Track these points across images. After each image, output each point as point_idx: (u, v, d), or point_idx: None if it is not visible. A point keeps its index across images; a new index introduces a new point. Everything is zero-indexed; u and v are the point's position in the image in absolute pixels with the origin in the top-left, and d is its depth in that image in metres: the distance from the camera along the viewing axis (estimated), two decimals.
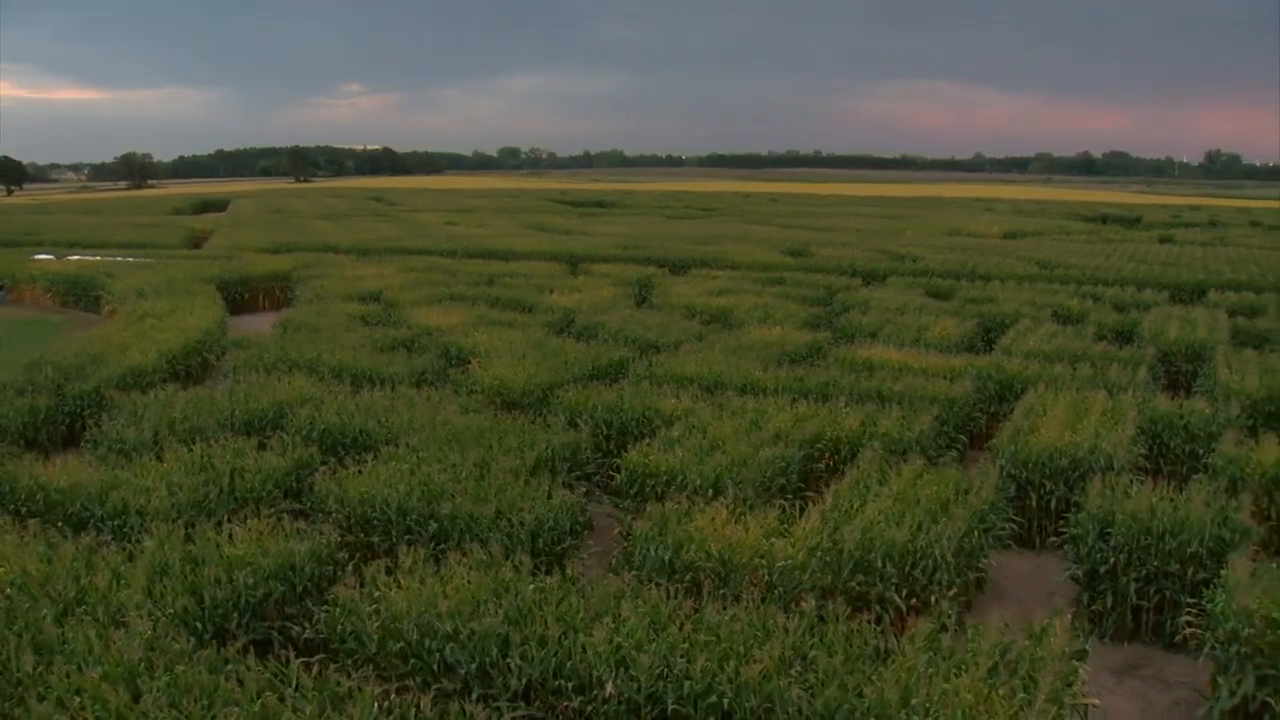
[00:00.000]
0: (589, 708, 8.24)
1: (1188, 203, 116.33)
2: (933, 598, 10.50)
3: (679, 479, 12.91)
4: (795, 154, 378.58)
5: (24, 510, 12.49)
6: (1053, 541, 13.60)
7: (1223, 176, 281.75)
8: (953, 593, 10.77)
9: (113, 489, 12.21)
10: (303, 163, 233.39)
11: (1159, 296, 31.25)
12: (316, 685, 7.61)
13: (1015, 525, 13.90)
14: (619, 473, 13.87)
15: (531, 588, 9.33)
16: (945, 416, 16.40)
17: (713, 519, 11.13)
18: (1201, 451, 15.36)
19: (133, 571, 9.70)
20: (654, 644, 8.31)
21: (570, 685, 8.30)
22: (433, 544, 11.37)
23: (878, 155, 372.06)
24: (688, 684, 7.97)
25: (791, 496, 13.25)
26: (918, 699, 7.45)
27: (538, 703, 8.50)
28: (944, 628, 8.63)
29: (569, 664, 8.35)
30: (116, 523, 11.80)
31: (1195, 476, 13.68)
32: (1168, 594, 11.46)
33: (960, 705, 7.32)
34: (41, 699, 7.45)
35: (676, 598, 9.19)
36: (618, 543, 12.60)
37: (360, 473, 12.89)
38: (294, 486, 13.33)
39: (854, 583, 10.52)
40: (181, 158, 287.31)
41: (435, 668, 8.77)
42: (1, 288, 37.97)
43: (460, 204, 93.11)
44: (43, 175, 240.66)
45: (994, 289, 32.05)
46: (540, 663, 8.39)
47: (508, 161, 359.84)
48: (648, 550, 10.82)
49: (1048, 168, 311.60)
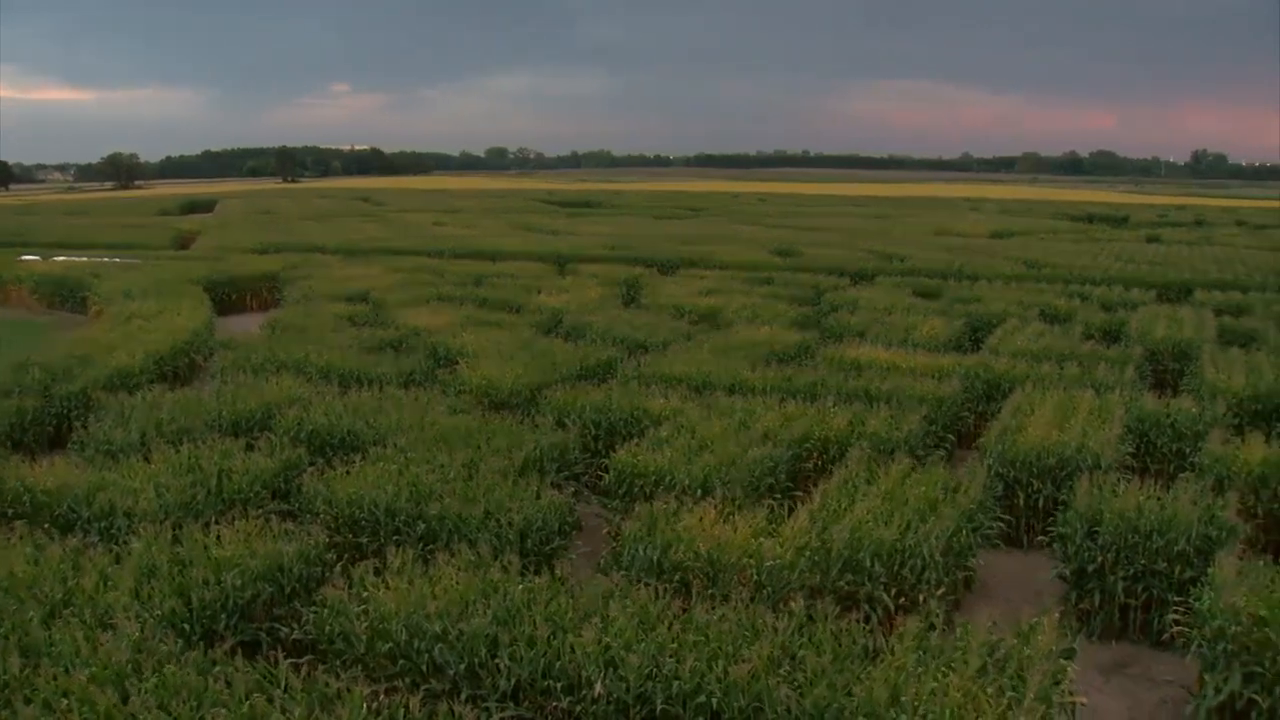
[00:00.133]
0: (578, 708, 8.23)
1: (1174, 202, 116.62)
2: (921, 597, 10.51)
3: (667, 479, 12.91)
4: (783, 154, 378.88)
5: (10, 512, 12.43)
6: (1040, 540, 13.63)
7: (1209, 176, 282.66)
8: (941, 592, 10.78)
9: (100, 490, 12.16)
10: (290, 163, 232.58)
11: (1146, 296, 31.35)
12: (305, 686, 7.60)
13: (1003, 524, 13.93)
14: (607, 473, 13.86)
15: (520, 588, 9.32)
16: (933, 416, 16.42)
17: (701, 519, 11.14)
18: (1188, 450, 15.40)
19: (120, 573, 9.67)
20: (643, 644, 8.31)
21: (559, 685, 8.30)
22: (421, 544, 11.35)
23: (865, 155, 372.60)
24: (676, 684, 7.97)
25: (780, 496, 13.26)
26: (907, 697, 7.46)
27: (526, 703, 8.50)
28: (932, 627, 8.64)
29: (558, 664, 8.35)
30: (104, 524, 11.75)
31: (1182, 475, 13.70)
32: (1155, 592, 11.49)
33: (949, 704, 7.33)
34: (29, 701, 7.42)
35: (665, 598, 9.19)
36: (606, 543, 12.61)
37: (348, 473, 12.87)
38: (282, 487, 13.29)
39: (842, 582, 10.53)
40: (168, 158, 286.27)
41: (424, 668, 8.76)
42: None
43: (448, 204, 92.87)
44: (29, 176, 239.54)
45: (981, 288, 32.11)
46: (529, 663, 8.39)
47: (495, 162, 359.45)
48: (636, 550, 10.82)
49: (1035, 167, 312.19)
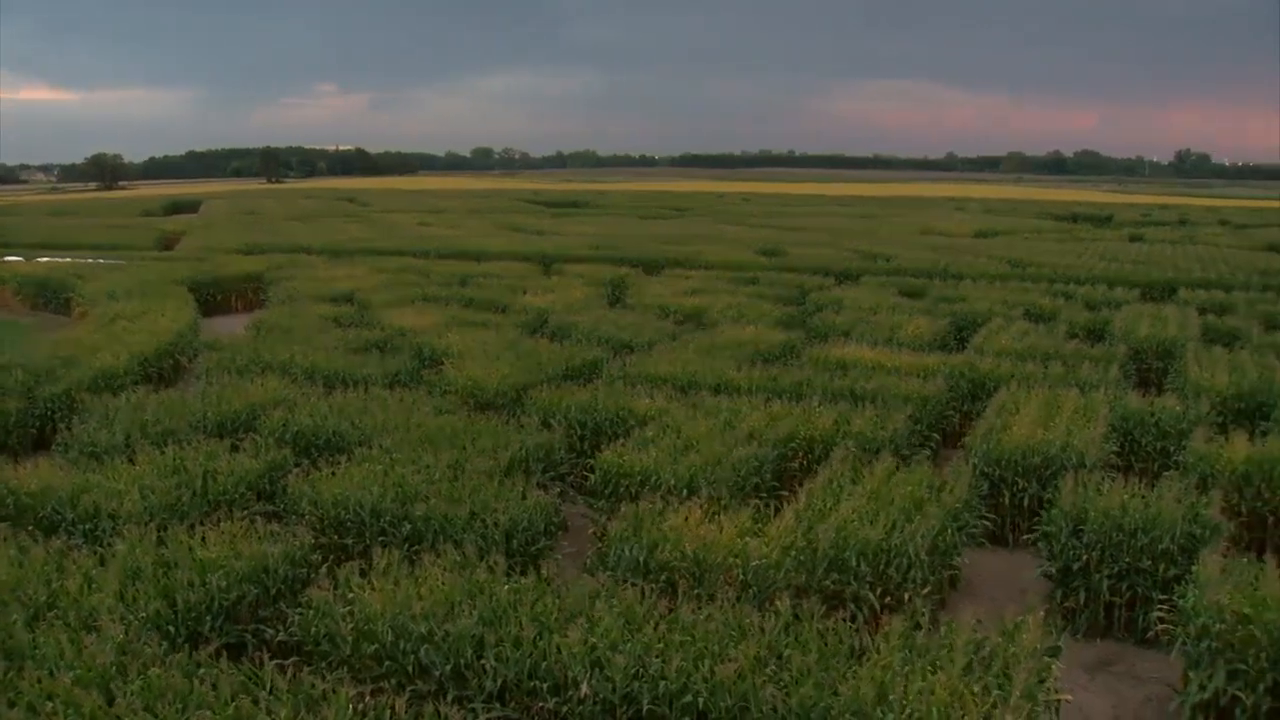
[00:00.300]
0: (564, 708, 8.23)
1: (1158, 202, 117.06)
2: (907, 596, 10.54)
3: (653, 479, 12.90)
4: (768, 154, 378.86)
5: None
6: (1026, 539, 13.66)
7: (1193, 176, 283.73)
8: (927, 590, 10.81)
9: (84, 492, 12.10)
10: (275, 163, 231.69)
11: (1130, 295, 31.43)
12: (291, 688, 7.57)
13: (988, 523, 13.97)
14: (593, 473, 13.85)
15: (506, 588, 9.30)
16: (918, 415, 16.46)
17: (687, 519, 11.13)
18: (1172, 448, 15.46)
19: (104, 575, 9.63)
20: (629, 644, 8.30)
21: (545, 686, 8.29)
22: (407, 545, 11.32)
23: (850, 155, 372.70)
24: (663, 684, 7.96)
25: (765, 496, 13.28)
26: (893, 696, 7.47)
27: (513, 704, 8.49)
28: (918, 625, 8.64)
29: (544, 665, 8.33)
30: (88, 526, 11.70)
31: (1166, 473, 13.78)
32: (1140, 590, 11.53)
33: (935, 703, 7.34)
34: (12, 704, 7.38)
35: (651, 598, 9.18)
36: (592, 543, 12.61)
37: (334, 474, 12.83)
38: (267, 488, 13.26)
39: (828, 581, 10.54)
40: (152, 158, 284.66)
41: (410, 669, 8.74)
42: None
43: (433, 205, 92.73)
44: (12, 176, 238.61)
45: (966, 288, 32.19)
46: (515, 663, 8.38)
47: (481, 162, 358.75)
48: (622, 550, 10.81)
49: (1019, 167, 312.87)
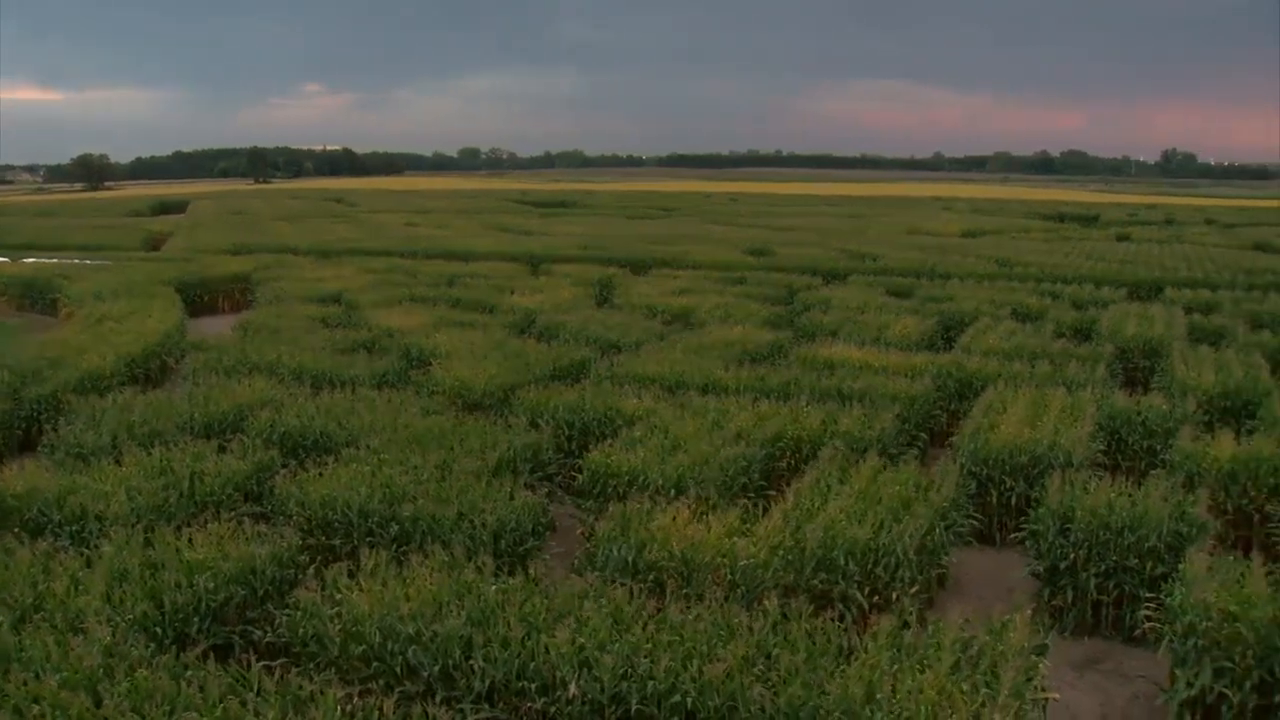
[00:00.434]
0: (552, 709, 8.22)
1: (1144, 201, 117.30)
2: (895, 595, 10.54)
3: (641, 479, 12.90)
4: (755, 153, 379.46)
5: None
6: (1013, 538, 13.68)
7: (1179, 175, 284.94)
8: (915, 590, 10.81)
9: (70, 494, 12.05)
10: (262, 164, 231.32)
11: (1117, 294, 31.47)
12: (278, 689, 7.55)
13: (976, 522, 13.99)
14: (581, 473, 13.85)
15: (494, 589, 9.30)
16: (906, 414, 16.48)
17: (675, 518, 11.13)
18: (1159, 447, 15.50)
19: (91, 577, 9.59)
20: (617, 644, 8.30)
21: (534, 686, 8.28)
22: (394, 546, 11.30)
23: (838, 155, 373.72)
24: (651, 684, 7.96)
25: (753, 495, 13.28)
26: (881, 695, 7.49)
27: (501, 704, 8.48)
28: (906, 624, 8.66)
29: (532, 665, 8.33)
30: (74, 528, 11.66)
31: (1153, 472, 13.84)
32: (1127, 588, 11.56)
33: (924, 701, 7.35)
34: None
35: (639, 598, 9.18)
36: (580, 543, 12.58)
37: (321, 475, 12.80)
38: (254, 489, 13.23)
39: (816, 581, 10.56)
40: (139, 159, 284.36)
41: (398, 670, 8.73)
42: None
43: (420, 205, 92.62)
44: None
45: (953, 287, 32.24)
46: (503, 664, 8.37)
47: (468, 162, 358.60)
48: (610, 550, 10.81)
49: (1006, 166, 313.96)
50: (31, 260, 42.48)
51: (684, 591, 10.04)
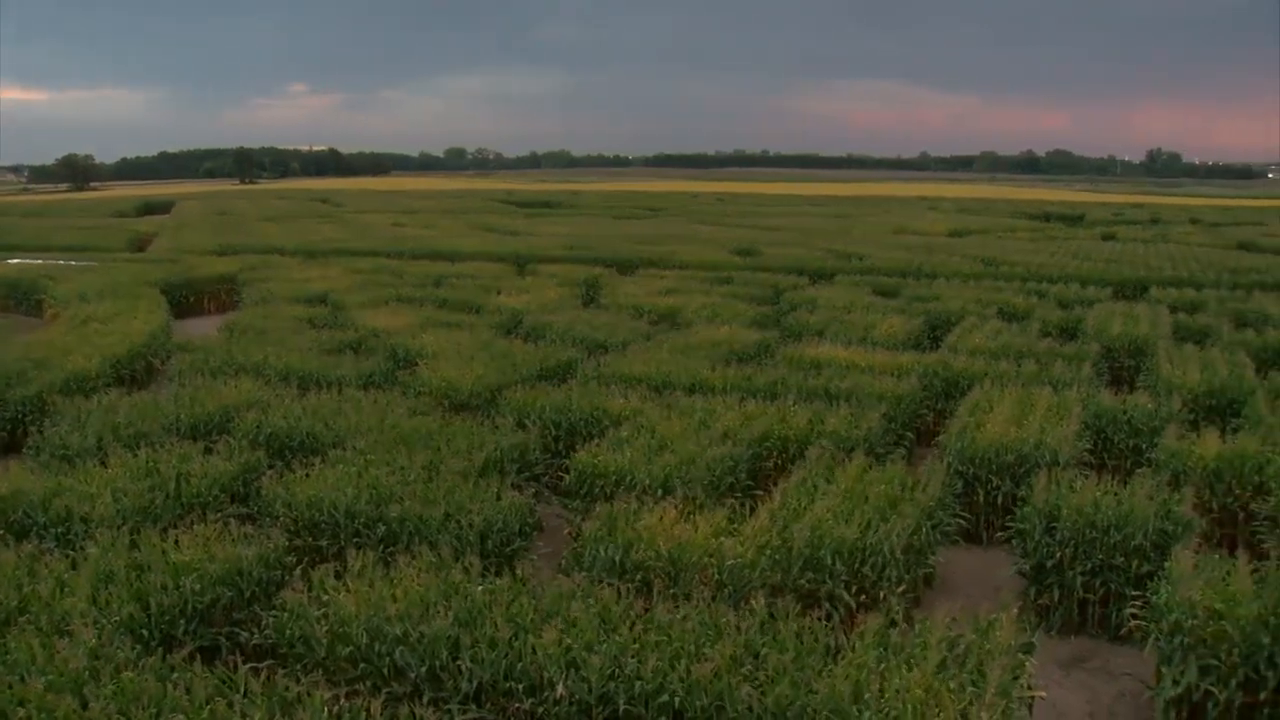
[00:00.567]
0: (540, 709, 8.21)
1: (1130, 200, 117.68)
2: (882, 594, 10.54)
3: (628, 479, 12.89)
4: (742, 153, 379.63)
5: None
6: (999, 536, 13.71)
7: (1164, 175, 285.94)
8: (902, 589, 10.84)
9: (56, 496, 12.00)
10: (248, 164, 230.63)
11: (1102, 293, 31.55)
12: (265, 691, 7.54)
13: (963, 521, 13.99)
14: (568, 473, 13.84)
15: (481, 589, 9.28)
16: (892, 414, 16.49)
17: (662, 518, 11.13)
18: (1145, 445, 15.53)
19: (77, 579, 9.56)
20: (605, 644, 8.29)
21: (521, 687, 8.27)
22: (381, 547, 11.29)
23: (824, 155, 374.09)
24: (639, 684, 7.96)
25: (740, 495, 13.27)
26: (869, 694, 7.49)
27: (489, 705, 8.47)
28: (893, 623, 8.66)
29: (520, 665, 8.32)
30: (60, 530, 11.61)
31: (1139, 470, 13.87)
32: (1113, 587, 11.59)
33: (911, 700, 7.36)
34: None
35: (627, 598, 9.17)
36: (567, 543, 12.57)
37: (308, 476, 12.77)
38: (241, 491, 13.20)
39: (803, 580, 10.56)
40: (124, 159, 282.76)
41: (385, 671, 8.71)
42: None
43: (406, 205, 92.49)
44: None
45: (940, 287, 32.29)
46: (491, 665, 8.36)
47: (454, 162, 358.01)
48: (597, 550, 10.80)
49: (992, 166, 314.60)
50: (16, 261, 42.33)
51: (671, 591, 10.03)
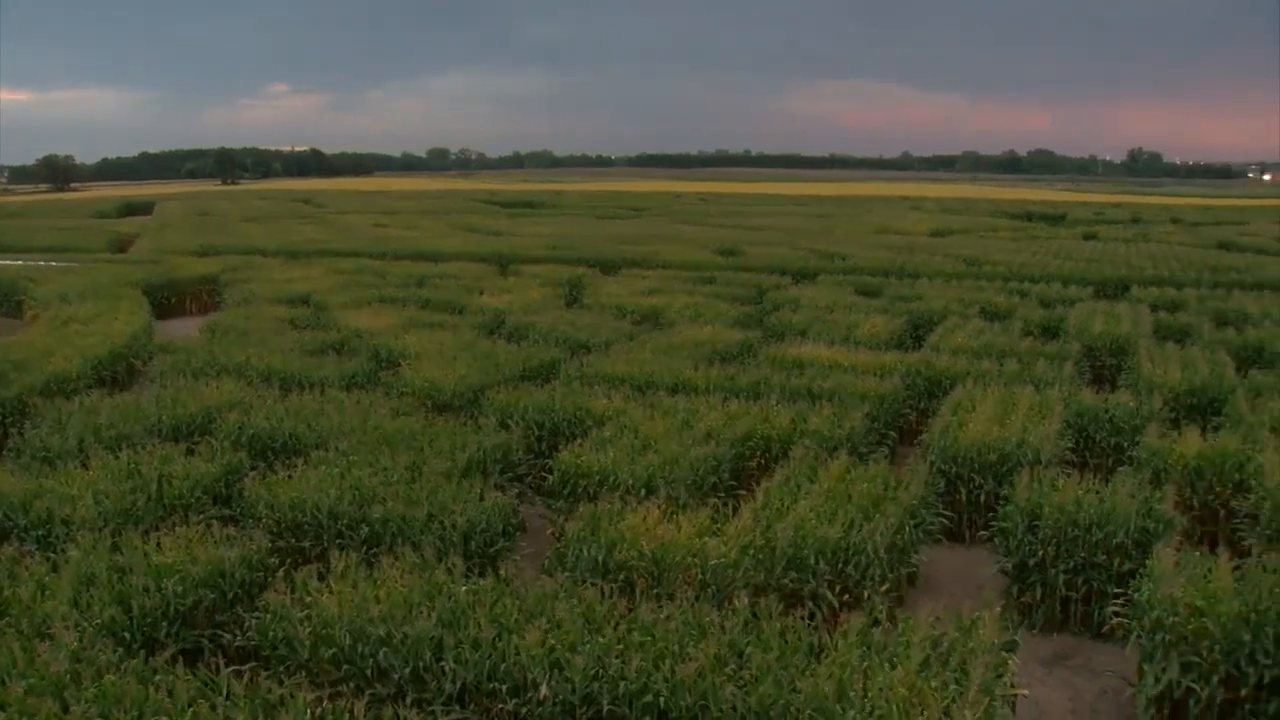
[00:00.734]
0: (524, 710, 8.21)
1: (1111, 200, 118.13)
2: (865, 593, 10.57)
3: (611, 479, 12.90)
4: (725, 153, 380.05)
5: None
6: (982, 535, 13.74)
7: (1145, 175, 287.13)
8: (885, 588, 10.86)
9: (36, 498, 11.94)
10: (229, 164, 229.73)
11: (1084, 292, 31.69)
12: (248, 693, 7.52)
13: (945, 520, 14.03)
14: (551, 473, 13.83)
15: (464, 590, 9.27)
16: (875, 413, 16.51)
17: (645, 518, 11.13)
18: (1126, 444, 15.61)
19: (58, 582, 9.52)
20: (588, 645, 8.29)
21: (505, 687, 8.26)
22: (364, 548, 11.26)
23: (807, 155, 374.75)
24: (623, 684, 7.96)
25: (723, 495, 13.29)
26: (853, 692, 7.50)
27: (472, 706, 8.46)
28: (876, 622, 8.68)
29: (503, 666, 8.31)
30: (40, 532, 11.55)
31: (1120, 468, 13.96)
32: (1095, 584, 11.63)
33: (894, 698, 7.37)
34: None
35: (610, 598, 9.17)
36: (550, 544, 12.56)
37: (290, 477, 12.74)
38: (223, 492, 13.14)
39: (787, 580, 10.57)
40: (105, 160, 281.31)
41: (368, 673, 8.70)
42: None
43: (389, 205, 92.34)
44: None
45: (922, 286, 32.37)
46: (474, 665, 8.35)
47: (437, 162, 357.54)
48: (580, 551, 10.79)
49: (974, 166, 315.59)
50: None
51: (655, 591, 10.04)
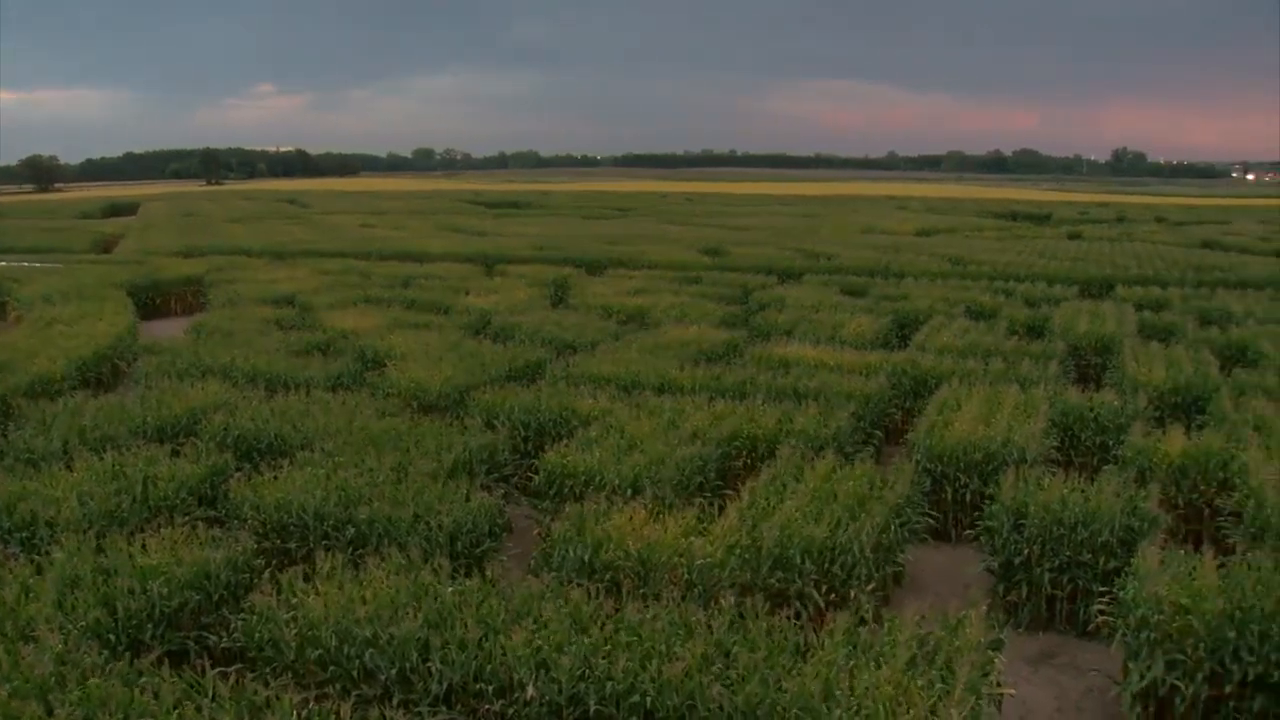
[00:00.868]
0: (510, 710, 8.20)
1: (1096, 200, 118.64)
2: (851, 592, 10.58)
3: (597, 479, 12.89)
4: (711, 153, 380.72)
5: None
6: (968, 534, 13.77)
7: (1129, 174, 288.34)
8: (871, 587, 10.87)
9: (20, 500, 11.88)
10: (214, 165, 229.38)
11: (1068, 292, 31.76)
12: (234, 695, 7.50)
13: (931, 519, 14.05)
14: (537, 474, 13.82)
15: (451, 591, 9.26)
16: (861, 413, 16.53)
17: (631, 518, 11.13)
18: (1111, 443, 15.65)
19: (42, 584, 9.49)
20: (575, 645, 8.29)
21: (491, 688, 8.25)
22: (350, 549, 11.24)
23: (793, 154, 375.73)
24: (609, 684, 7.95)
25: (709, 495, 13.30)
26: (839, 691, 7.51)
27: (459, 706, 8.45)
28: (863, 621, 8.70)
29: (489, 667, 8.30)
30: (25, 535, 11.49)
31: (1105, 467, 13.97)
32: (1080, 583, 11.66)
33: (880, 697, 7.39)
34: None
35: (596, 598, 9.17)
36: (537, 544, 12.55)
37: (276, 478, 12.70)
38: (208, 494, 13.09)
39: (773, 579, 10.57)
40: (89, 160, 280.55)
41: (354, 674, 8.68)
42: None
43: (374, 206, 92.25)
44: None
45: (908, 286, 32.42)
46: (461, 666, 8.34)
47: (422, 163, 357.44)
48: (566, 551, 10.79)
49: (960, 166, 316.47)
50: None
51: (641, 591, 10.03)
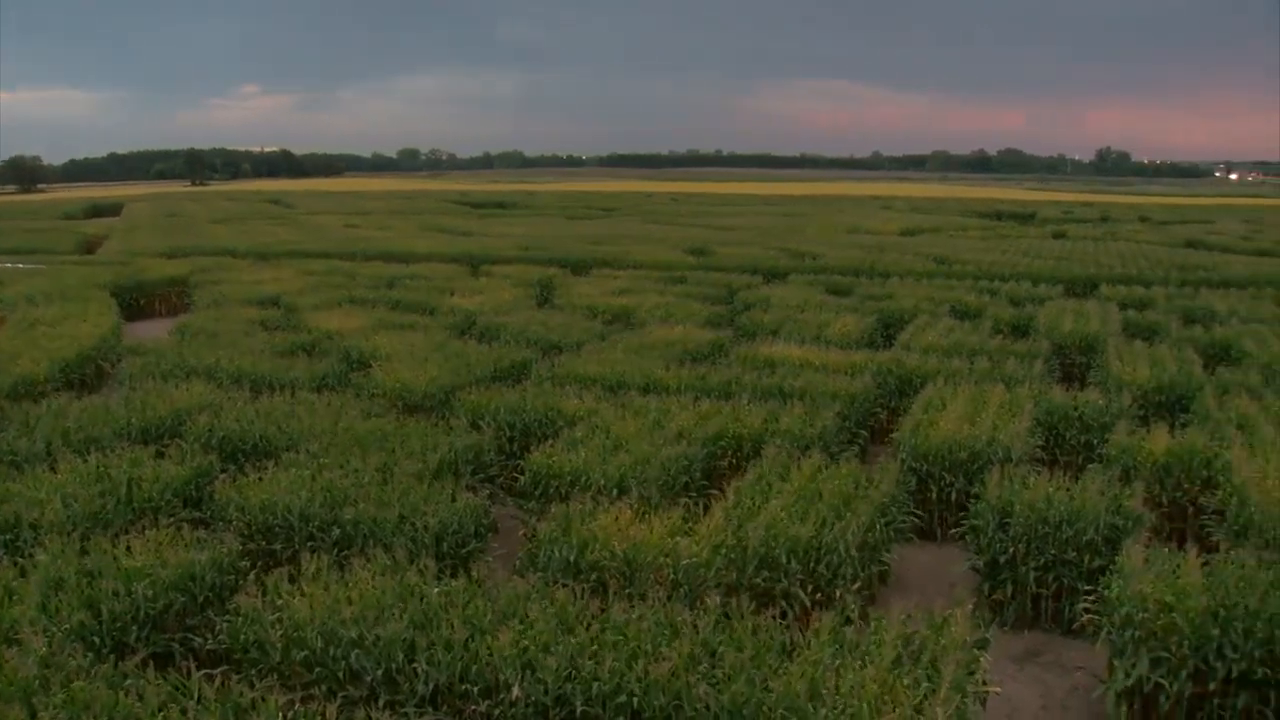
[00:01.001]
0: (496, 711, 8.19)
1: (1080, 199, 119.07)
2: (837, 592, 10.59)
3: (582, 479, 12.88)
4: (695, 153, 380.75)
5: None
6: (954, 533, 13.78)
7: (1113, 173, 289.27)
8: (856, 586, 10.89)
9: (4, 502, 11.83)
10: (199, 165, 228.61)
11: (1053, 291, 31.86)
12: (219, 697, 7.47)
13: (917, 518, 14.08)
14: (522, 474, 13.81)
15: (436, 591, 9.25)
16: (846, 412, 16.55)
17: (617, 518, 11.13)
18: (1096, 441, 15.70)
19: (26, 587, 9.44)
20: (561, 645, 8.28)
21: (477, 689, 8.24)
22: (336, 550, 11.22)
23: (778, 154, 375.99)
24: (596, 684, 7.95)
25: (695, 495, 13.31)
26: (825, 690, 7.52)
27: (445, 707, 8.44)
28: (848, 621, 8.71)
29: (475, 668, 8.29)
30: (8, 537, 11.43)
31: (1090, 466, 14.02)
32: (1065, 581, 11.69)
33: (866, 696, 7.40)
34: None
35: (582, 598, 9.17)
36: (522, 544, 12.54)
37: (261, 479, 12.67)
38: (193, 495, 13.05)
39: (759, 579, 10.58)
40: (73, 160, 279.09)
41: (340, 675, 8.66)
42: None
43: (359, 206, 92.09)
44: None
45: (893, 285, 32.51)
46: (446, 667, 8.33)
47: (407, 163, 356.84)
48: (552, 551, 10.78)
49: (944, 165, 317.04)
50: None
51: (627, 591, 10.03)
